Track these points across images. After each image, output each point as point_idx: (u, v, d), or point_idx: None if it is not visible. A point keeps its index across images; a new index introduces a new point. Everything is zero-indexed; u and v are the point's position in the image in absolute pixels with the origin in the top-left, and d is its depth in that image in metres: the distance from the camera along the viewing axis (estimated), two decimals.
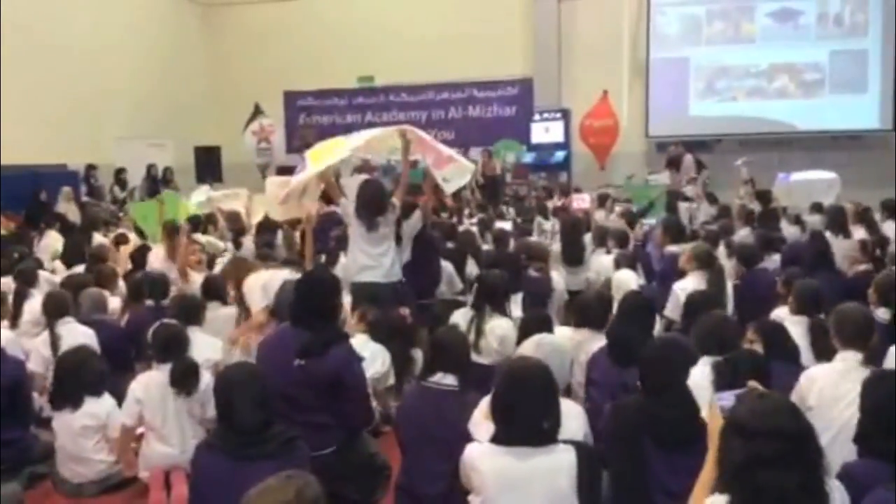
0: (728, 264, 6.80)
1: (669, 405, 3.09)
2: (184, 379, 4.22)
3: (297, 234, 7.45)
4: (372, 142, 6.41)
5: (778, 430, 2.10)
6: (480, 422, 3.19)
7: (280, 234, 8.35)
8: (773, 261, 7.18)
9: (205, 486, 3.19)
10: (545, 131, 16.69)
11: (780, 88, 16.15)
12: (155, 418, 4.26)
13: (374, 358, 4.72)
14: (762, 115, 16.13)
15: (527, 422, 2.79)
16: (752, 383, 2.62)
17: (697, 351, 3.69)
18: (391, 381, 4.95)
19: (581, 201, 11.64)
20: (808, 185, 11.15)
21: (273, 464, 3.04)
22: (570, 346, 4.08)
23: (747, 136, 15.94)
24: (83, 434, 4.26)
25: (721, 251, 7.28)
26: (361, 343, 4.55)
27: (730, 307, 5.70)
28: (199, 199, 11.17)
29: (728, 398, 2.37)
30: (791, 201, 10.74)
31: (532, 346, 3.54)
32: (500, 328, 4.95)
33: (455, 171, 6.57)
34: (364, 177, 8.00)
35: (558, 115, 16.70)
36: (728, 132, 16.16)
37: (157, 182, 15.67)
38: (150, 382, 4.30)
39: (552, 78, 17.04)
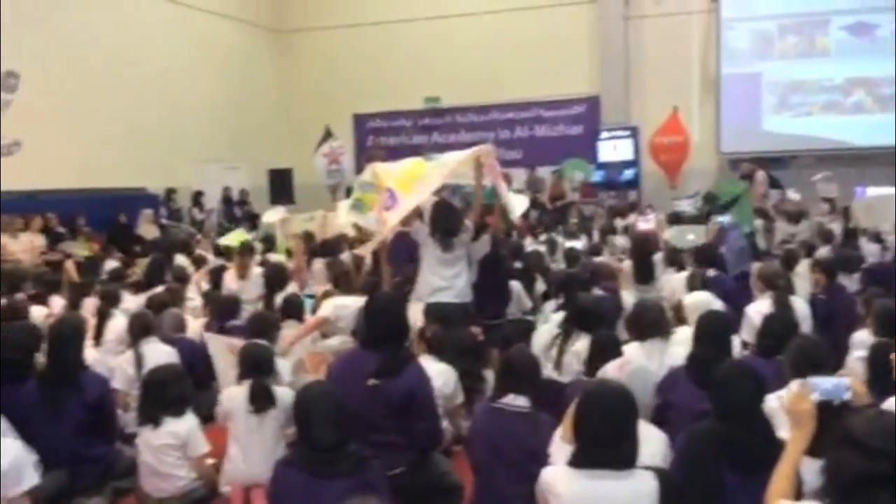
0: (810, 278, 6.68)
1: (745, 430, 3.04)
2: (257, 398, 4.30)
3: (368, 257, 7.48)
4: (457, 168, 6.45)
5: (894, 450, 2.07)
6: (558, 444, 3.18)
7: (346, 255, 8.45)
8: (853, 280, 6.99)
9: (283, 502, 3.25)
10: (613, 149, 16.47)
11: (857, 103, 15.68)
12: (238, 431, 4.34)
13: (437, 377, 4.70)
14: (838, 129, 15.66)
15: (606, 445, 2.76)
16: (850, 379, 2.61)
17: (790, 373, 3.62)
18: (460, 399, 4.95)
19: (646, 222, 11.31)
20: (886, 202, 10.79)
21: (348, 482, 3.09)
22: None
23: (823, 152, 15.52)
24: (163, 451, 4.35)
25: (803, 269, 7.11)
26: (425, 363, 4.58)
27: (805, 325, 5.55)
28: (270, 219, 11.37)
29: (819, 384, 2.51)
30: (870, 220, 10.38)
31: (615, 368, 3.53)
32: (585, 349, 4.87)
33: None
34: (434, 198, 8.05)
35: (627, 132, 16.51)
36: (803, 148, 15.75)
37: (233, 204, 16.10)
38: (236, 397, 4.38)
39: (619, 95, 16.89)
